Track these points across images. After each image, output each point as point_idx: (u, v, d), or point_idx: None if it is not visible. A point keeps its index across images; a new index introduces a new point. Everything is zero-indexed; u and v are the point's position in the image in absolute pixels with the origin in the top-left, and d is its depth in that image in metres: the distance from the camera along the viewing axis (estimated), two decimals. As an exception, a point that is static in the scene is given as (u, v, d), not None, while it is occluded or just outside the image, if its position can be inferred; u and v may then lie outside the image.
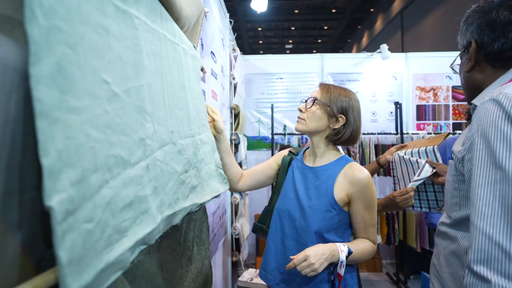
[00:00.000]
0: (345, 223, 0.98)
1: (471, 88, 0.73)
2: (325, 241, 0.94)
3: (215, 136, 1.04)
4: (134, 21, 0.53)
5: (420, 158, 1.36)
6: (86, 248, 0.34)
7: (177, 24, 0.82)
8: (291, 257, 0.86)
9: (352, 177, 0.95)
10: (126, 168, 0.47)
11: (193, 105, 0.81)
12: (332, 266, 0.89)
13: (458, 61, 0.81)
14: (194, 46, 0.97)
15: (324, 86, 1.02)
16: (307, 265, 0.83)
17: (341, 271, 0.87)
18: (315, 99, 1.00)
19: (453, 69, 0.86)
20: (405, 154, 1.41)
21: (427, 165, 1.29)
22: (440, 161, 1.30)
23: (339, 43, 15.48)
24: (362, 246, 0.95)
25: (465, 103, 3.32)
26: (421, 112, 3.34)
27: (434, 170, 1.26)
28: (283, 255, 0.99)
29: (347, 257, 0.87)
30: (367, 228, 0.97)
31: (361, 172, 0.96)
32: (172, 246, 0.74)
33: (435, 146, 1.31)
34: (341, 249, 0.87)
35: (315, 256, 0.83)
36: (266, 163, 1.16)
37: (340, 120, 0.99)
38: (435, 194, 1.36)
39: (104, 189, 0.40)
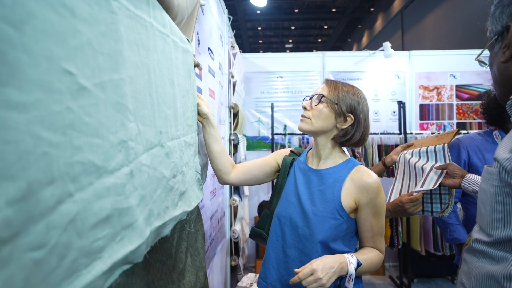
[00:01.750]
0: (352, 231, 0.90)
1: (508, 81, 0.63)
2: (331, 251, 0.86)
3: (201, 122, 0.96)
4: (112, 4, 0.45)
5: (428, 157, 1.27)
6: (31, 284, 0.26)
7: (168, 14, 0.75)
8: (296, 270, 0.77)
9: (360, 182, 0.88)
10: (101, 176, 0.40)
11: (180, 104, 0.74)
12: (339, 279, 0.81)
13: (486, 53, 0.71)
14: (188, 40, 0.90)
15: (331, 83, 0.94)
16: (314, 280, 0.75)
17: (350, 285, 0.79)
18: (322, 96, 0.92)
19: (481, 61, 0.76)
20: (412, 155, 1.33)
21: (431, 173, 1.20)
22: (450, 161, 1.22)
23: (339, 43, 15.41)
24: (370, 256, 0.87)
25: (470, 102, 3.24)
26: (425, 112, 3.27)
27: (442, 178, 1.18)
28: (285, 265, 0.91)
29: (355, 270, 0.79)
30: (375, 236, 0.90)
31: (369, 176, 0.88)
32: (161, 260, 0.66)
33: (445, 144, 1.22)
34: (350, 261, 0.79)
35: (323, 270, 0.75)
36: (265, 159, 1.07)
37: (349, 119, 0.91)
38: (440, 196, 1.28)
39: (65, 205, 0.33)
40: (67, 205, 0.34)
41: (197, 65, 1.05)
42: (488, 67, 0.72)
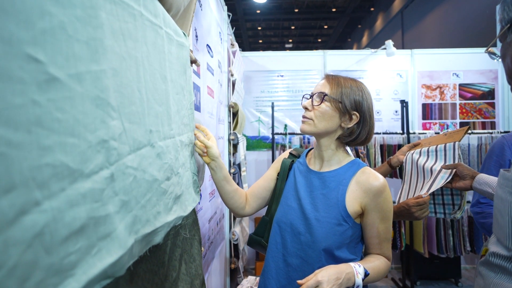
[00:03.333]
0: (357, 237, 0.85)
1: None
2: (336, 259, 0.81)
3: (208, 164, 0.88)
4: (91, -15, 0.40)
5: (437, 157, 1.22)
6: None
7: (162, 4, 0.70)
8: (299, 282, 0.71)
9: (366, 185, 0.82)
10: (75, 180, 0.35)
11: (173, 101, 0.69)
12: None
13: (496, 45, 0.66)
14: (184, 33, 0.85)
15: (332, 79, 0.88)
16: None
17: None
18: (324, 95, 0.85)
19: (491, 53, 0.71)
20: (419, 155, 1.28)
21: (441, 173, 1.15)
22: (461, 160, 1.16)
23: (339, 43, 15.35)
24: (377, 264, 0.82)
25: (473, 101, 3.19)
26: (427, 111, 3.21)
27: (451, 177, 1.12)
28: (286, 274, 0.85)
29: (363, 280, 0.74)
30: (382, 242, 0.84)
31: (376, 179, 0.82)
32: (152, 269, 0.61)
33: (456, 143, 1.16)
34: (357, 271, 0.74)
35: (329, 281, 0.69)
36: (267, 176, 1.02)
37: (354, 117, 0.85)
38: (452, 197, 1.22)
39: (29, 216, 0.28)
40: (33, 216, 0.29)
41: (194, 61, 1.00)
42: (500, 60, 0.67)
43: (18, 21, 0.27)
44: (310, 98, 0.89)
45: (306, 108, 0.88)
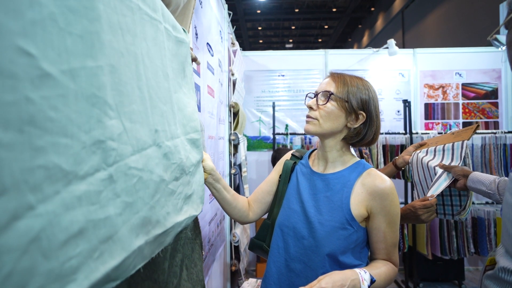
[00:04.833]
0: (362, 241, 0.82)
1: None
2: (340, 264, 0.78)
3: (205, 180, 0.85)
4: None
5: (443, 156, 1.20)
6: None
7: None
8: None
9: (372, 187, 0.79)
10: (70, 183, 0.33)
11: (175, 99, 0.66)
12: None
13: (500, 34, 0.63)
14: (183, 30, 0.82)
15: (338, 77, 0.84)
16: None
17: None
18: (330, 94, 0.82)
19: (495, 41, 0.68)
20: (426, 154, 1.26)
21: (443, 175, 1.13)
22: (469, 159, 1.15)
23: (340, 43, 15.34)
24: (384, 271, 0.78)
25: (476, 101, 3.17)
26: (430, 111, 3.19)
27: (453, 178, 1.10)
28: (288, 280, 0.82)
29: (369, 287, 0.71)
30: (388, 248, 0.81)
31: (383, 181, 0.79)
32: (151, 277, 0.58)
33: (464, 141, 1.14)
34: (363, 278, 0.71)
35: None
36: (269, 179, 0.99)
37: (360, 117, 0.82)
38: (460, 198, 1.20)
39: (23, 221, 0.26)
40: (27, 220, 0.27)
41: (194, 60, 0.97)
42: (504, 48, 0.64)
43: (6, 9, 0.25)
44: (314, 97, 0.86)
45: (310, 108, 0.85)
